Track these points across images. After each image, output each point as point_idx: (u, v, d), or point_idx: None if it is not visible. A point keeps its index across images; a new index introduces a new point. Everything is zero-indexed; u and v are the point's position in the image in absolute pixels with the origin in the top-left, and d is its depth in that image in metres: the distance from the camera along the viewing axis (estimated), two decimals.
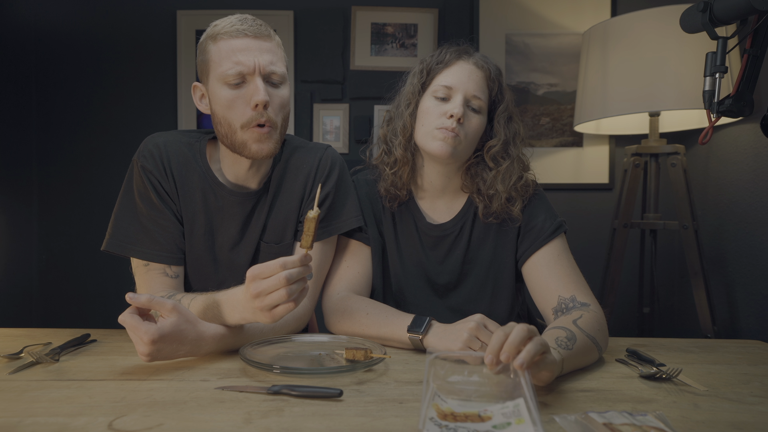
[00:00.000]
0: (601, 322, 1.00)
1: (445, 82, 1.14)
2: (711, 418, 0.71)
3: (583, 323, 0.96)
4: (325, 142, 2.27)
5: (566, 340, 0.90)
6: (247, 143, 1.05)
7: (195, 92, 1.12)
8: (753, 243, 1.66)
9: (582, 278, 1.12)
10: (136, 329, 0.86)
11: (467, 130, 1.13)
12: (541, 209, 1.19)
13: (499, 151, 1.18)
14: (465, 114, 1.12)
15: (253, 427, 0.67)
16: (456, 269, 1.21)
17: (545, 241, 1.15)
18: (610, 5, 2.21)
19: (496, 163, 1.18)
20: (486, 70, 1.15)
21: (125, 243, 1.10)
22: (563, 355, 0.86)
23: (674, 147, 1.75)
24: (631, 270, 2.08)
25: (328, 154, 1.21)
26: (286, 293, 0.86)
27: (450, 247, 1.22)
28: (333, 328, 1.14)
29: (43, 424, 0.67)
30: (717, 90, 1.07)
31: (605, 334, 1.00)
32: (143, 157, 1.11)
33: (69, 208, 2.29)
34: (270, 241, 1.17)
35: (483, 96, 1.14)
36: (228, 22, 1.04)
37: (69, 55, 2.27)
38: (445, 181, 1.21)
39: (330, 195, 1.18)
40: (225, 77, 1.02)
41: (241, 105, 1.03)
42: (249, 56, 1.02)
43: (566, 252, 1.16)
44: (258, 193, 1.16)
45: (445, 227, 1.22)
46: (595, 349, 0.95)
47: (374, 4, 2.29)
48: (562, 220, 1.18)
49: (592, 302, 1.07)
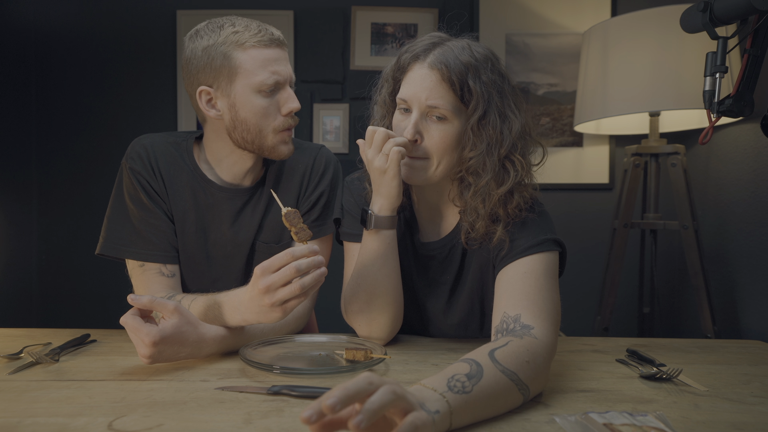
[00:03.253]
0: (535, 352, 0.78)
1: (401, 94, 0.99)
2: (711, 419, 0.71)
3: (503, 354, 0.75)
4: (325, 142, 2.28)
5: (464, 380, 0.68)
6: (277, 146, 1.10)
7: (201, 97, 1.08)
8: (753, 243, 1.66)
9: (547, 302, 0.89)
10: (138, 331, 0.86)
11: (432, 146, 0.97)
12: (530, 228, 0.98)
13: (474, 165, 0.97)
14: (425, 128, 0.97)
15: (253, 427, 0.67)
16: (443, 296, 1.11)
17: (518, 255, 0.94)
18: (610, 5, 2.21)
19: (476, 177, 0.98)
20: (441, 69, 0.94)
21: (119, 245, 1.10)
22: (451, 403, 0.65)
23: (674, 147, 1.75)
24: (631, 270, 2.07)
25: (322, 153, 1.23)
26: (299, 286, 0.86)
27: (440, 271, 1.10)
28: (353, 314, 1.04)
29: (43, 424, 0.67)
30: (717, 90, 1.07)
31: (539, 371, 0.77)
32: (131, 159, 1.12)
33: (69, 208, 2.29)
34: (269, 241, 1.18)
35: (444, 102, 0.95)
36: (252, 30, 1.04)
37: (69, 55, 2.27)
38: (436, 193, 1.07)
39: (324, 194, 1.19)
40: (261, 86, 1.05)
41: (273, 112, 1.08)
42: (282, 66, 1.07)
43: (542, 271, 0.93)
44: (250, 190, 1.17)
45: (433, 247, 1.09)
46: (513, 389, 0.73)
47: (374, 4, 2.29)
48: (549, 239, 0.96)
49: (541, 326, 0.84)
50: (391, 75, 1.04)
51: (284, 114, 1.08)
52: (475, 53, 0.98)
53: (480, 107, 0.95)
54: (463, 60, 0.95)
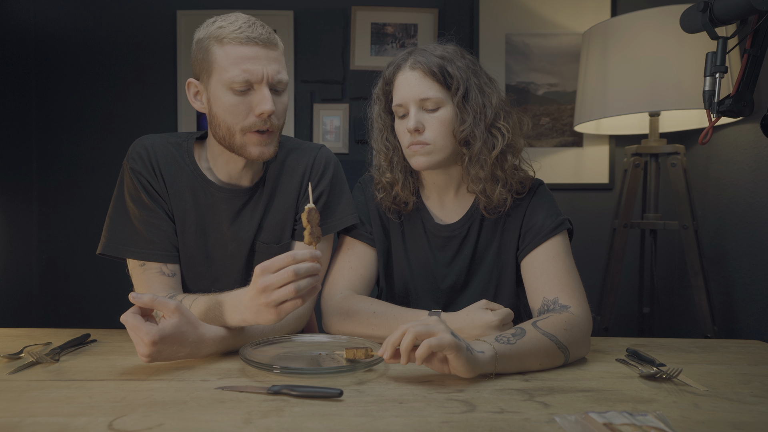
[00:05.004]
0: (572, 323, 0.96)
1: (396, 101, 1.14)
2: (711, 418, 0.71)
3: (544, 323, 0.94)
4: (325, 142, 2.28)
5: (509, 337, 0.89)
6: (246, 146, 1.07)
7: (189, 89, 1.11)
8: (753, 243, 1.66)
9: (575, 280, 1.07)
10: (138, 329, 0.86)
11: (433, 133, 1.10)
12: (542, 206, 1.15)
13: (466, 135, 1.11)
14: (424, 120, 1.10)
15: (253, 427, 0.67)
16: (462, 271, 1.20)
17: (543, 238, 1.11)
18: (610, 5, 2.21)
19: (469, 148, 1.12)
20: (422, 66, 1.10)
21: (120, 245, 1.10)
22: (498, 350, 0.85)
23: (674, 147, 1.75)
24: (631, 270, 2.07)
25: (322, 153, 1.22)
26: (294, 289, 0.86)
27: (458, 249, 1.20)
28: (333, 329, 1.13)
29: (43, 424, 0.67)
30: (717, 90, 1.07)
31: (577, 337, 0.95)
32: (132, 159, 1.12)
33: (69, 208, 2.29)
34: (269, 241, 1.17)
35: (432, 92, 1.09)
36: (235, 26, 1.03)
37: (69, 55, 2.27)
38: (445, 179, 1.19)
39: (324, 194, 1.19)
40: (231, 83, 1.02)
41: (243, 111, 1.04)
42: (257, 65, 1.02)
43: (565, 252, 1.11)
44: (249, 190, 1.16)
45: (453, 228, 1.20)
46: (553, 349, 0.91)
47: (374, 4, 2.29)
48: (564, 219, 1.13)
49: (576, 305, 1.03)
50: (381, 92, 1.19)
51: (256, 115, 1.04)
52: (446, 48, 1.14)
53: (462, 87, 1.10)
54: (437, 54, 1.11)
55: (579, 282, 1.07)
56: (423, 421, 0.69)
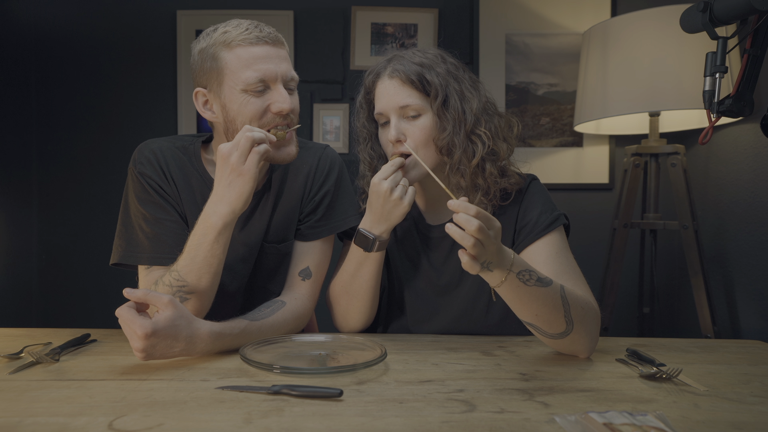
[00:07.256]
0: (589, 309, 0.97)
1: (376, 109, 1.13)
2: (711, 418, 0.71)
3: (570, 292, 0.94)
4: (325, 142, 2.27)
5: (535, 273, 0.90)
6: None
7: (197, 99, 1.09)
8: (753, 243, 1.66)
9: (579, 274, 1.07)
10: (131, 323, 0.86)
11: (414, 141, 1.09)
12: (536, 202, 1.13)
13: (446, 143, 1.09)
14: (405, 129, 1.09)
15: (253, 427, 0.67)
16: (456, 269, 1.20)
17: (540, 234, 1.09)
18: (610, 5, 2.21)
19: (450, 156, 1.10)
20: (400, 75, 1.09)
21: (135, 253, 1.09)
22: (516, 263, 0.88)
23: (674, 147, 1.75)
24: (631, 270, 2.08)
25: (327, 153, 1.22)
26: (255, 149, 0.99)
27: (450, 249, 1.20)
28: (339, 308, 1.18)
29: (43, 424, 0.67)
30: (717, 90, 1.07)
31: (587, 320, 0.96)
32: (140, 164, 1.11)
33: (69, 208, 2.29)
34: (273, 241, 1.17)
35: (411, 99, 1.08)
36: (242, 28, 1.03)
37: (69, 56, 2.27)
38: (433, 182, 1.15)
39: (329, 194, 1.19)
40: (247, 85, 1.02)
41: (260, 111, 1.04)
42: (271, 64, 1.03)
43: (564, 248, 1.10)
44: (257, 194, 1.16)
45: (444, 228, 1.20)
46: (560, 312, 0.92)
47: (374, 4, 2.29)
48: (560, 213, 1.12)
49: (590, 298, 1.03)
50: (363, 100, 1.18)
51: (274, 112, 1.04)
52: (426, 54, 1.12)
53: (440, 94, 1.08)
54: (415, 61, 1.10)
55: (581, 275, 1.07)
56: (423, 421, 0.69)
